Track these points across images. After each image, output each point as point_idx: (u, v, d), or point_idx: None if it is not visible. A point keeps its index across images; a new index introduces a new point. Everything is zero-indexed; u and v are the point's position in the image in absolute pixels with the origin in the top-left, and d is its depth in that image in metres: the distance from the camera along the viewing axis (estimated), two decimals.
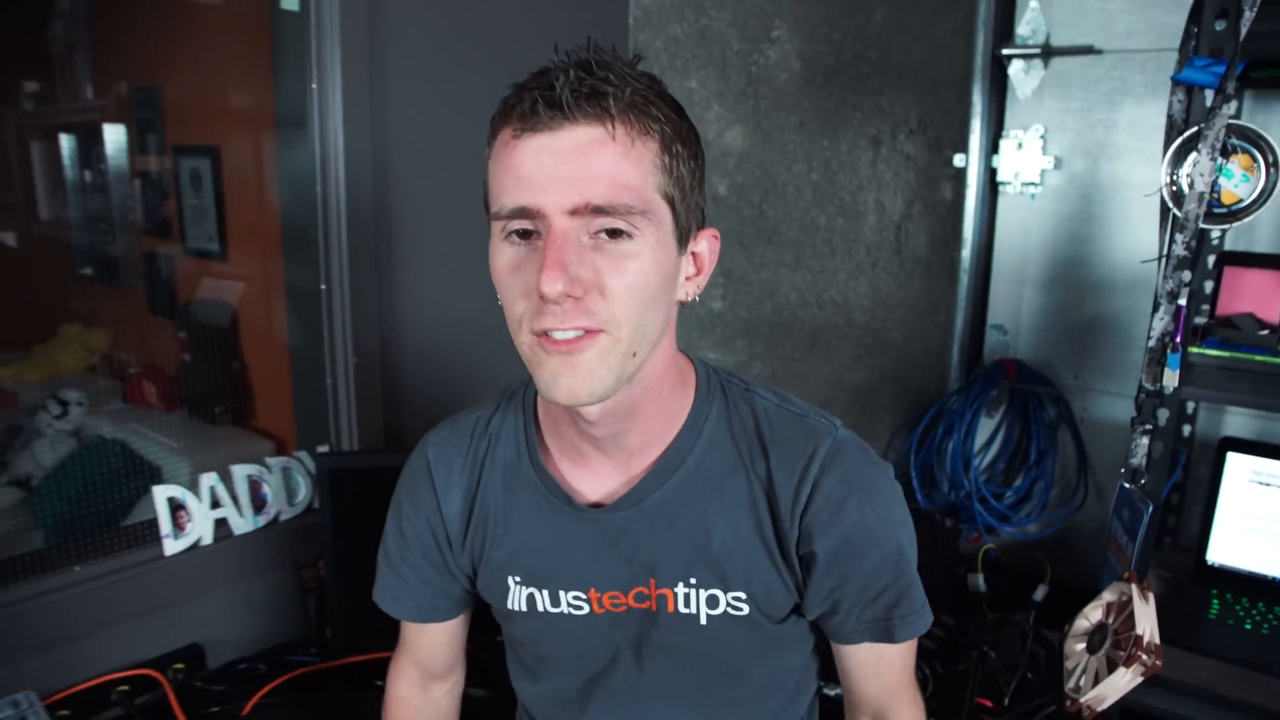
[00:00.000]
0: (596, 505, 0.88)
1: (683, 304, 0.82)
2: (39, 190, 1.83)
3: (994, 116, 1.82)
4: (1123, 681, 1.06)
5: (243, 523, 1.70)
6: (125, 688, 1.53)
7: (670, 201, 0.76)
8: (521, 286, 0.75)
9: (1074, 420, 1.80)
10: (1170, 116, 1.12)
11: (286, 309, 1.98)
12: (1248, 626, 1.35)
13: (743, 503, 0.86)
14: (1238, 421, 1.63)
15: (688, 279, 0.81)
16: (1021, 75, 1.76)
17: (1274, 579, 1.43)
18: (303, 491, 1.80)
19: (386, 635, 1.11)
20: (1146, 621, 1.07)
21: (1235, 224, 1.07)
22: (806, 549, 0.85)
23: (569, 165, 0.71)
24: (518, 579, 0.91)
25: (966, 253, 1.83)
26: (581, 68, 0.72)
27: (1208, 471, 1.52)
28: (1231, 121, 1.05)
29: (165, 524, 1.61)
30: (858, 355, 2.11)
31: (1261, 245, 1.52)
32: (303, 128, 1.77)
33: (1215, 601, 1.41)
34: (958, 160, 1.82)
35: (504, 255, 0.76)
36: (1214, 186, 1.06)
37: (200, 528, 1.65)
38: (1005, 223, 1.86)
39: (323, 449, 1.87)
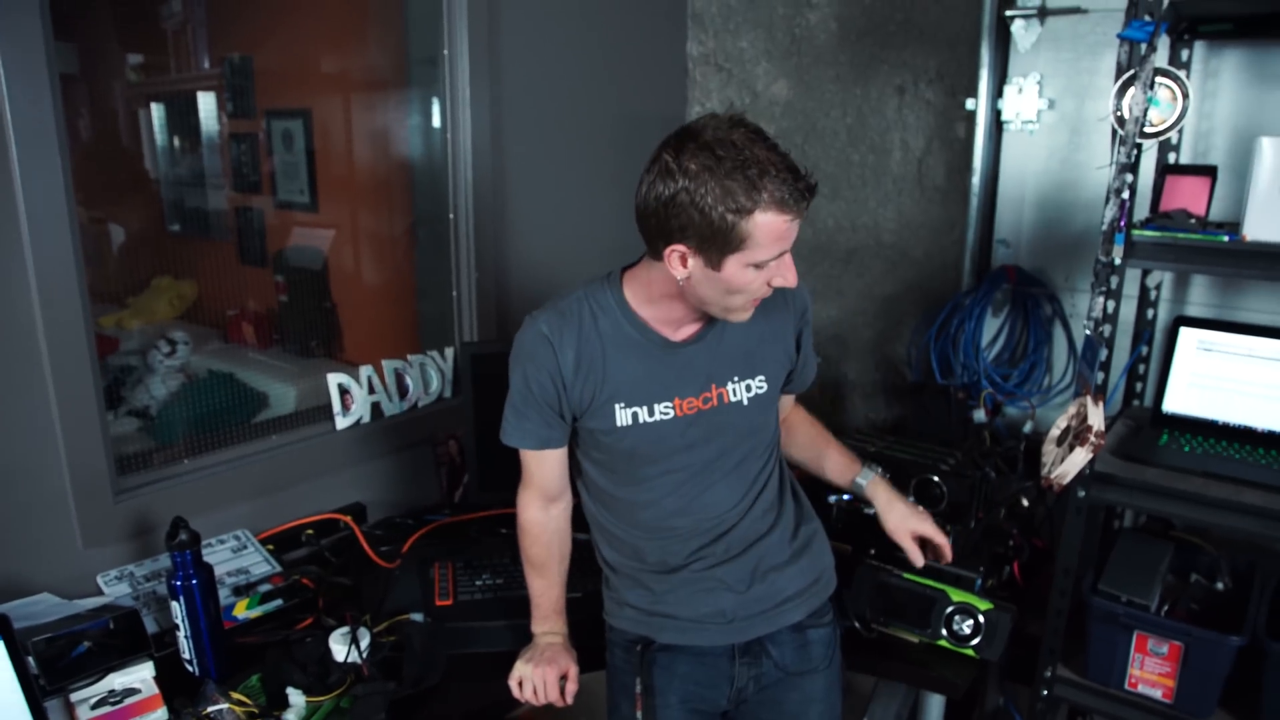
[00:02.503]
0: (678, 344, 1.39)
1: None
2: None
3: (999, 67, 2.19)
4: (1079, 459, 1.49)
5: (391, 406, 2.14)
6: (311, 531, 1.97)
7: None
8: (759, 284, 1.25)
9: (1064, 315, 2.21)
10: (1118, 63, 1.53)
11: (419, 236, 2.37)
12: (1185, 449, 1.77)
13: (761, 321, 1.38)
14: (1192, 309, 2.04)
15: None
16: (1022, 32, 2.14)
17: (1210, 420, 1.85)
18: (435, 383, 2.23)
19: (506, 491, 1.56)
20: (1096, 418, 1.51)
21: (1160, 138, 1.49)
22: (800, 324, 1.48)
23: (796, 230, 1.22)
24: (622, 404, 1.38)
25: (976, 180, 2.21)
26: (790, 166, 1.18)
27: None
28: (1158, 66, 1.46)
29: (336, 403, 2.05)
30: (886, 270, 2.51)
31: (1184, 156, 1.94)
32: (433, 85, 2.14)
33: (1165, 435, 1.83)
34: (969, 104, 2.19)
35: (747, 275, 1.22)
36: (1145, 112, 1.47)
37: (361, 408, 2.08)
38: (1008, 155, 2.23)
39: (449, 349, 2.22)
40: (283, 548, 1.92)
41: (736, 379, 1.41)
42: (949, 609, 1.57)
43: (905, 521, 1.56)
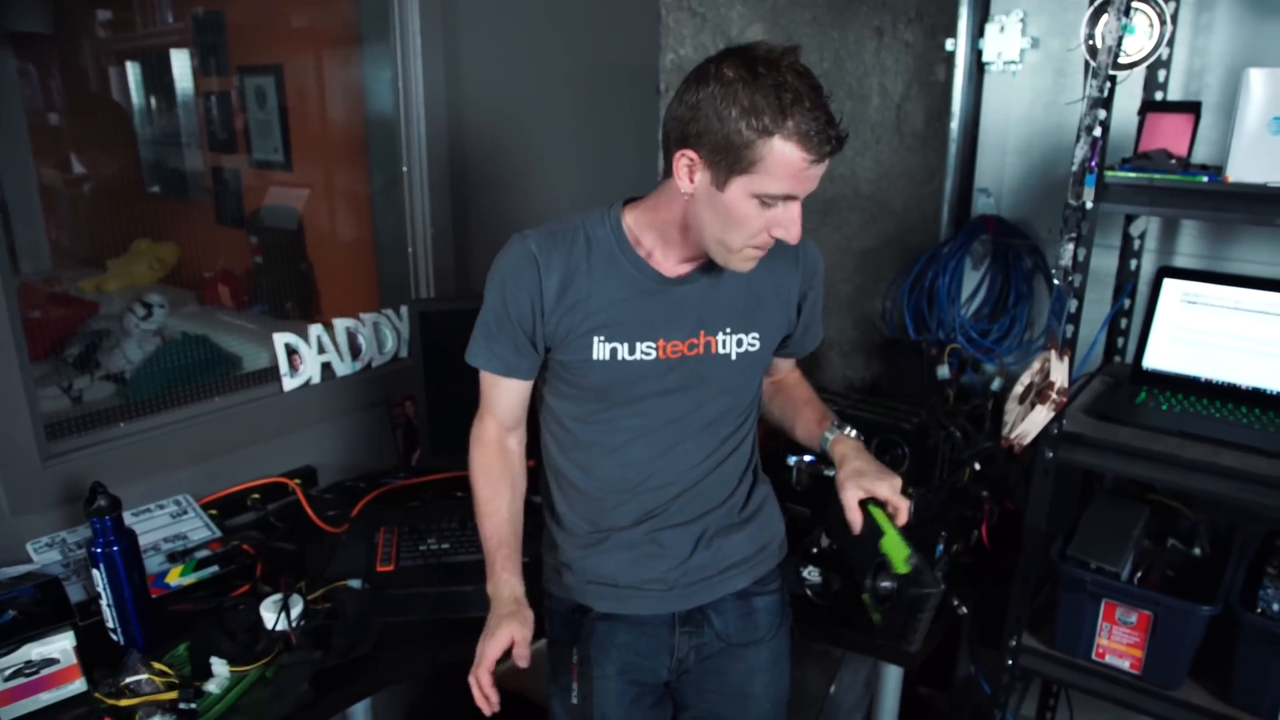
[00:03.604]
0: (672, 280, 1.30)
1: None
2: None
3: (980, 4, 2.06)
4: (1040, 417, 1.40)
5: (343, 366, 2.07)
6: (258, 495, 1.92)
7: None
8: (759, 226, 1.17)
9: (1047, 268, 2.10)
10: None
11: (375, 192, 2.29)
12: (1164, 408, 1.67)
13: (763, 275, 1.31)
14: (1180, 260, 1.93)
15: None
16: None
17: (1193, 377, 1.75)
18: (390, 342, 2.16)
19: (461, 453, 1.47)
20: (1059, 374, 1.41)
21: (1135, 69, 1.36)
22: (806, 286, 1.39)
23: (818, 179, 1.15)
24: (602, 338, 1.29)
25: (955, 125, 2.09)
26: (825, 110, 1.10)
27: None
28: None
29: (283, 364, 1.99)
30: (864, 223, 2.41)
31: (1174, 94, 1.81)
32: (383, 40, 2.06)
33: (1143, 393, 1.73)
34: (949, 44, 2.07)
35: (749, 206, 1.15)
36: (1120, 41, 1.35)
37: (310, 369, 2.02)
38: (990, 98, 2.11)
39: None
40: (228, 513, 1.87)
41: (729, 330, 1.32)
42: (878, 558, 1.32)
43: (856, 479, 1.34)
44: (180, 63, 2.02)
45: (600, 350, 1.29)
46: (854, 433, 1.42)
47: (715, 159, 1.13)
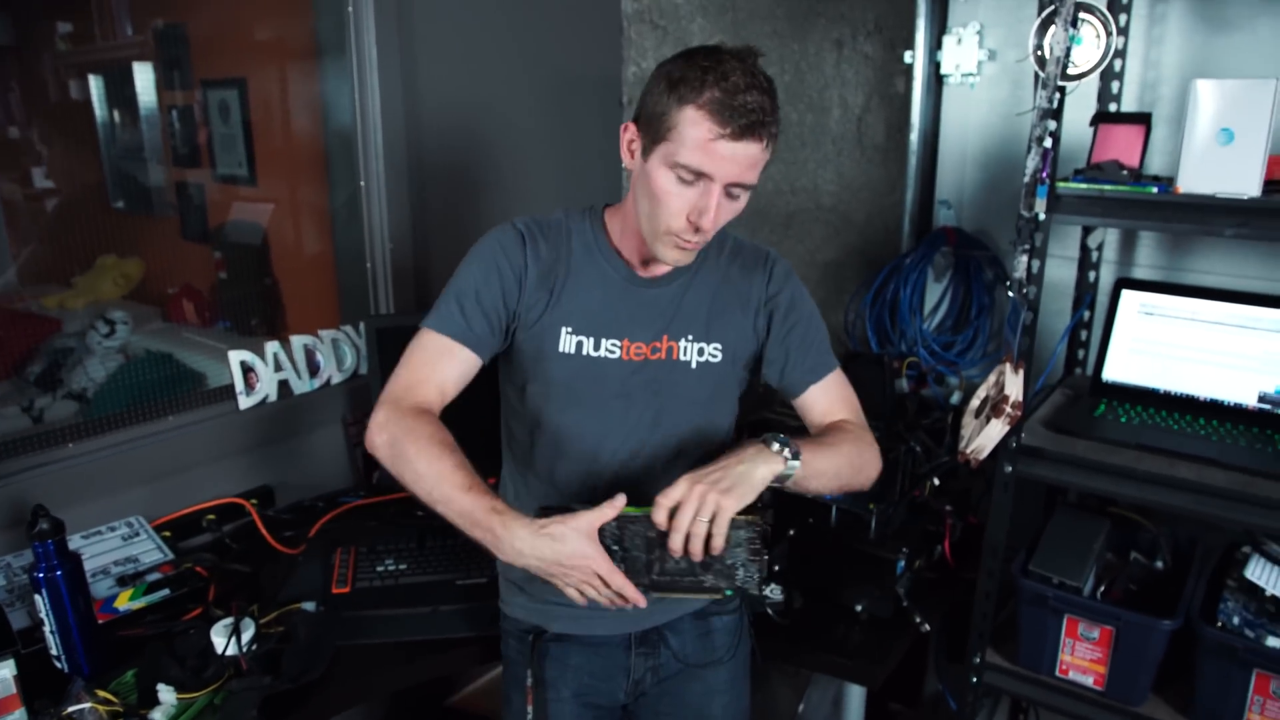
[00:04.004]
0: (644, 279, 1.30)
1: None
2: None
3: (938, 17, 2.07)
4: (995, 431, 1.39)
5: (301, 384, 2.04)
6: (213, 516, 1.87)
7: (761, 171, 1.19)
8: (677, 206, 1.15)
9: (1008, 279, 2.09)
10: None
11: (334, 207, 2.27)
12: (1123, 420, 1.67)
13: (729, 283, 1.32)
14: (1139, 272, 1.93)
15: None
16: None
17: (1152, 388, 1.75)
18: (349, 359, 2.13)
19: None
20: (1014, 387, 1.40)
21: (1082, 80, 1.36)
22: (771, 305, 1.33)
23: (737, 164, 1.12)
24: (570, 329, 1.28)
25: (914, 137, 2.10)
26: (755, 88, 1.10)
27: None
28: (1078, 0, 1.33)
29: (239, 382, 1.95)
30: (827, 236, 2.40)
31: (1128, 106, 1.82)
32: (341, 53, 2.04)
33: (1102, 405, 1.73)
34: (907, 57, 2.08)
35: (668, 180, 1.15)
36: (1068, 52, 1.35)
37: (266, 387, 1.98)
38: (949, 110, 2.12)
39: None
40: (182, 534, 1.83)
41: (690, 338, 1.31)
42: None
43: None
44: (143, 75, 1.99)
45: (566, 343, 1.28)
46: (778, 446, 1.18)
47: (644, 129, 1.18)
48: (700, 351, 1.32)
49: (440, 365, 1.27)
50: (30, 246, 1.89)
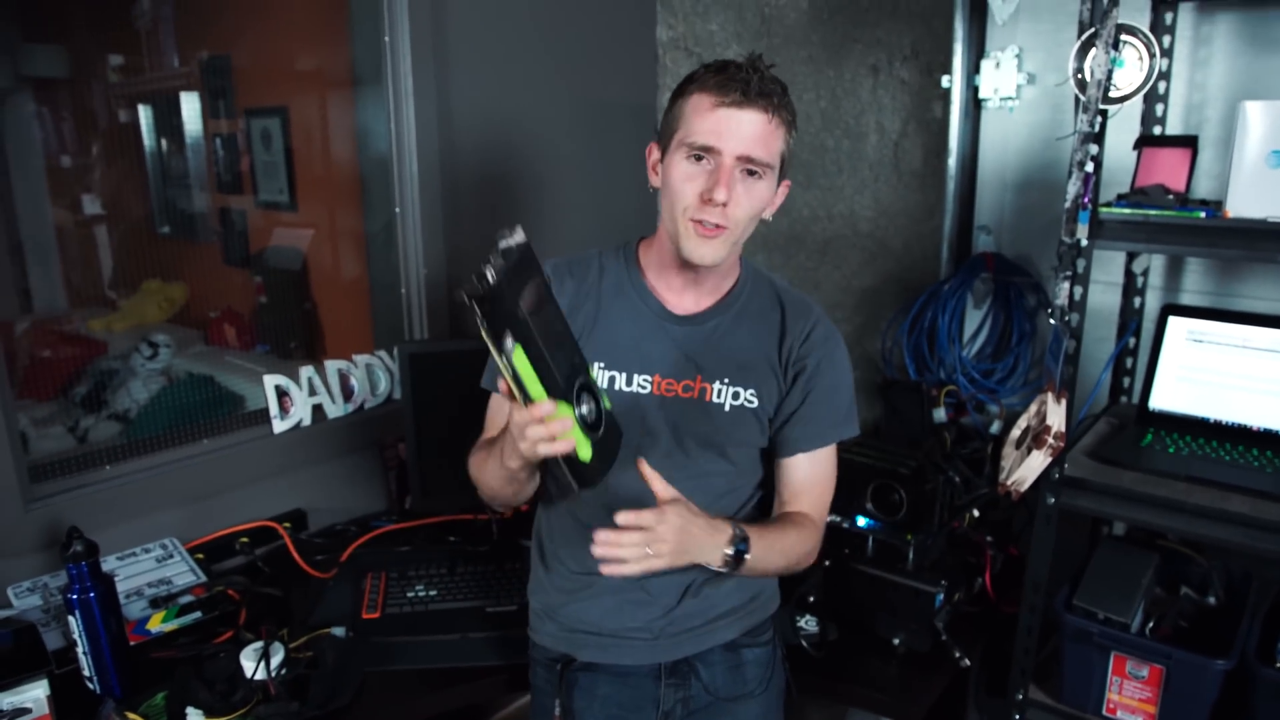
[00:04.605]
0: (677, 317, 1.30)
1: (762, 220, 1.26)
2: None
3: (976, 40, 2.05)
4: (1036, 463, 1.35)
5: (334, 408, 2.05)
6: (246, 539, 1.88)
7: (782, 160, 1.21)
8: (691, 187, 1.17)
9: (1050, 306, 2.05)
10: (1080, 21, 1.39)
11: (370, 233, 2.29)
12: (1170, 451, 1.61)
13: (766, 333, 1.31)
14: (1186, 298, 1.88)
15: (770, 206, 1.25)
16: (999, 2, 1.99)
17: (1203, 418, 1.69)
18: (383, 384, 2.14)
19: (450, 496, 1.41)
20: (1055, 417, 1.36)
21: (1124, 103, 1.33)
22: (799, 365, 1.30)
23: (742, 134, 1.15)
24: (602, 365, 1.28)
25: (953, 162, 2.07)
26: (754, 69, 1.15)
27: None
28: (1120, 22, 1.31)
29: (274, 406, 1.97)
30: (863, 262, 2.38)
31: (1173, 129, 1.78)
32: (378, 81, 2.07)
33: (1149, 435, 1.68)
34: (945, 81, 2.06)
35: (681, 164, 1.18)
36: (1110, 75, 1.32)
37: (301, 411, 2.00)
38: (988, 134, 2.09)
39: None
40: (216, 557, 1.84)
41: (725, 381, 1.30)
42: (587, 378, 1.09)
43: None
44: (190, 105, 2.07)
45: (599, 378, 1.28)
46: (733, 551, 1.19)
47: (661, 141, 1.23)
48: (735, 395, 1.30)
49: (498, 419, 1.33)
50: (79, 270, 1.94)
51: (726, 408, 1.29)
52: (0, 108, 1.82)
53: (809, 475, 1.34)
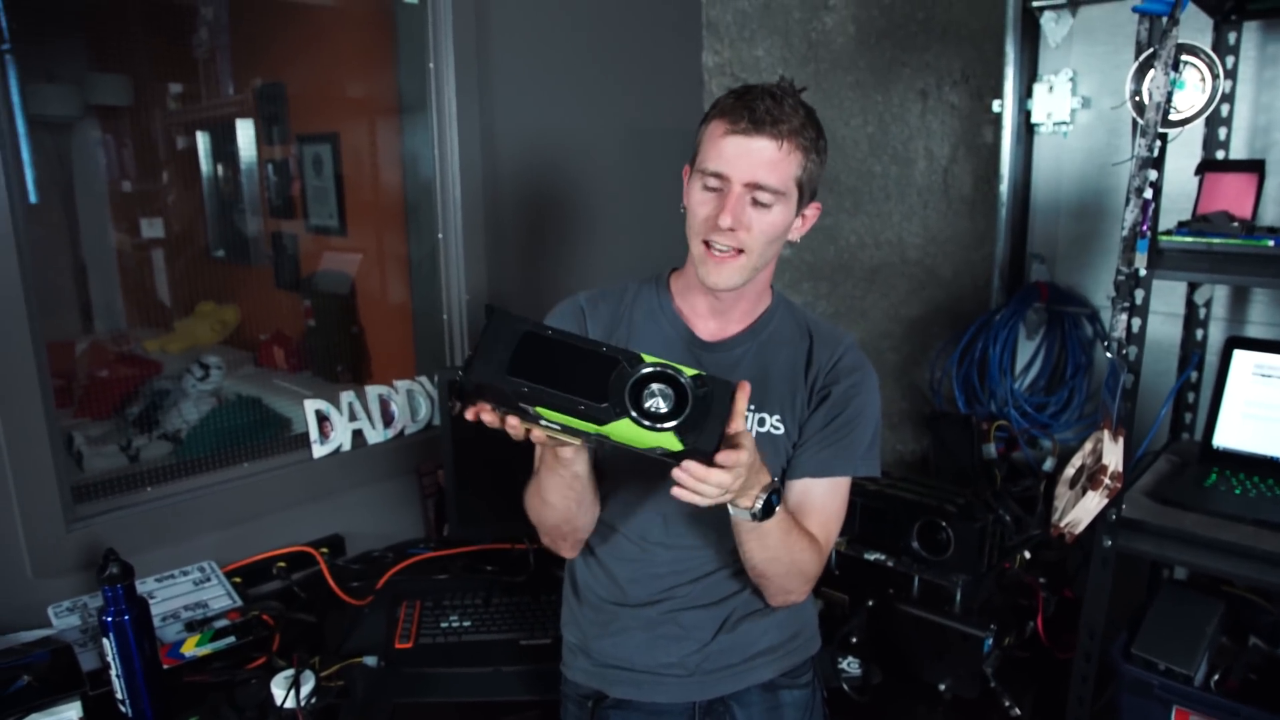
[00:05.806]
0: (707, 343, 1.30)
1: (790, 242, 1.28)
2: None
3: (1028, 64, 1.99)
4: (1092, 504, 1.28)
5: (375, 434, 2.05)
6: (284, 564, 1.88)
7: (799, 186, 1.20)
8: (703, 212, 1.19)
9: (1107, 338, 1.97)
10: (1138, 42, 1.33)
11: (414, 259, 2.30)
12: (1237, 492, 1.53)
13: (793, 361, 1.29)
14: (1252, 330, 1.79)
15: (795, 229, 1.25)
16: (1052, 25, 1.94)
17: (1271, 457, 1.60)
18: (423, 410, 2.13)
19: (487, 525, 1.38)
20: (1112, 456, 1.29)
21: (1185, 126, 1.27)
22: (824, 392, 1.27)
23: (750, 161, 1.15)
24: None
25: (1004, 188, 2.01)
26: (770, 96, 1.15)
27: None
28: (1181, 41, 1.25)
29: (313, 431, 1.97)
30: (911, 290, 2.32)
31: (1237, 153, 1.70)
32: (423, 109, 2.09)
33: (1214, 475, 1.59)
34: (995, 106, 2.00)
35: (697, 192, 1.20)
36: (1169, 97, 1.26)
37: (340, 436, 1.99)
38: (1041, 159, 2.03)
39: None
40: (252, 581, 1.84)
41: (752, 408, 1.28)
42: (640, 372, 1.00)
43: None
44: (245, 131, 2.11)
45: None
46: (771, 496, 1.12)
47: (692, 161, 1.24)
48: (761, 422, 1.28)
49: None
50: (137, 292, 1.97)
51: (753, 434, 1.26)
52: (69, 135, 1.87)
53: (815, 502, 1.27)
